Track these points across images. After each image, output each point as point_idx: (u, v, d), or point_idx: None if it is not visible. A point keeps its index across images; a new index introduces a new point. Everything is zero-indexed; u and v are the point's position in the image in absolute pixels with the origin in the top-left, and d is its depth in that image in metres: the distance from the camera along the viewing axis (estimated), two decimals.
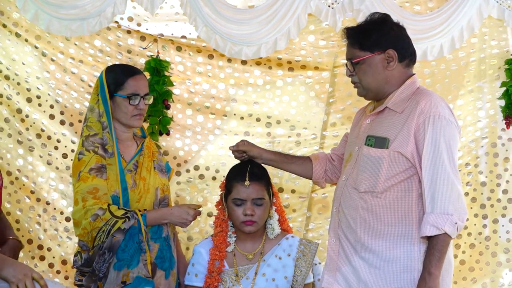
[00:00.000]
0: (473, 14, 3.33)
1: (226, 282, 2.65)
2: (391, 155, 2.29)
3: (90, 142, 2.58)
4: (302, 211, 3.62)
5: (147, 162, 2.67)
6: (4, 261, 1.97)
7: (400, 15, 3.26)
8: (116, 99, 2.62)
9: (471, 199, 3.57)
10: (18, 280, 1.92)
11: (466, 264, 3.59)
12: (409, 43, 2.41)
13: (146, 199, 2.63)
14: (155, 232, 2.60)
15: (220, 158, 3.59)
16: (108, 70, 2.68)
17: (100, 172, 2.54)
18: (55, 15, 3.09)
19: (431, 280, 2.18)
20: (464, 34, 3.35)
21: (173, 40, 3.51)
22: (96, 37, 3.45)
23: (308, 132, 3.62)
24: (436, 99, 2.31)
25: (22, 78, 3.44)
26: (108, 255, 2.49)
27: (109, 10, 3.14)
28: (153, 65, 3.38)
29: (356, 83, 2.43)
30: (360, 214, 2.34)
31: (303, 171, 2.80)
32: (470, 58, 3.52)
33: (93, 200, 2.49)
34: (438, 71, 3.53)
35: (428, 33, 3.35)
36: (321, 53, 3.54)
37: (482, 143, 3.56)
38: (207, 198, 3.59)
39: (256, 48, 3.28)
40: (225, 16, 3.24)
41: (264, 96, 3.61)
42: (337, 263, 2.40)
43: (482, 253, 3.57)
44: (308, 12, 3.26)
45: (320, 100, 3.59)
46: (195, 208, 2.65)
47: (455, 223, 2.19)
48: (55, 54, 3.45)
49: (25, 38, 3.41)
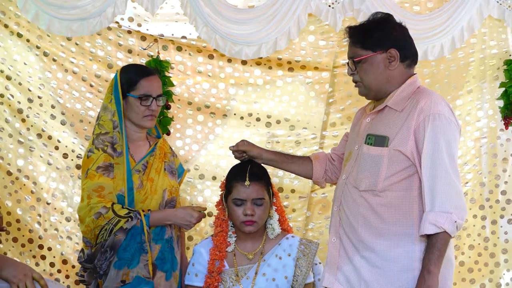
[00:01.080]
0: (473, 14, 3.33)
1: (226, 282, 2.65)
2: (390, 154, 2.29)
3: (100, 141, 2.60)
4: (302, 211, 3.63)
5: (157, 163, 2.68)
6: (5, 261, 1.97)
7: (401, 15, 3.25)
8: (129, 99, 2.63)
9: (470, 199, 3.57)
10: (18, 280, 1.92)
11: (465, 265, 3.59)
12: (411, 43, 2.41)
13: (152, 200, 2.63)
14: (158, 234, 2.61)
15: (220, 157, 3.60)
16: (123, 70, 2.69)
17: (107, 170, 2.56)
18: (55, 15, 3.09)
19: (430, 278, 2.18)
20: (465, 34, 3.35)
21: (173, 41, 3.51)
22: (97, 37, 3.46)
23: (307, 132, 3.62)
24: (436, 98, 2.30)
25: (24, 78, 3.45)
26: (109, 254, 2.50)
27: (110, 10, 3.14)
28: (154, 66, 3.40)
29: (358, 82, 2.43)
30: (361, 213, 2.34)
31: (303, 171, 2.80)
32: (469, 59, 3.52)
33: (97, 198, 2.51)
34: (438, 71, 3.53)
35: (428, 33, 3.35)
36: (321, 53, 3.54)
37: (481, 143, 3.56)
38: (207, 198, 3.59)
39: (256, 48, 3.28)
40: (225, 16, 3.24)
41: (264, 96, 3.62)
42: (338, 262, 2.40)
43: (481, 254, 3.57)
44: (308, 12, 3.25)
45: (320, 100, 3.60)
46: (199, 210, 2.65)
47: (455, 221, 2.18)
48: (57, 54, 3.46)
49: (26, 39, 3.42)
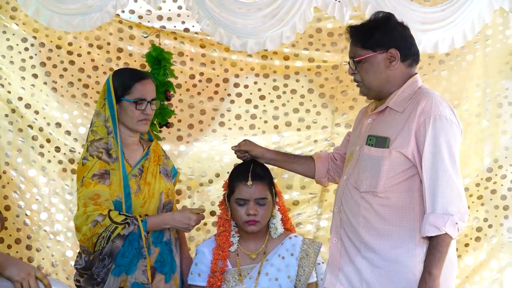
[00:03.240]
0: (484, 6, 3.29)
1: (229, 282, 2.66)
2: (391, 155, 2.28)
3: (95, 147, 2.59)
4: (313, 208, 3.61)
5: (152, 167, 2.67)
6: (8, 260, 1.97)
7: (409, 8, 3.23)
8: (123, 104, 2.61)
9: (470, 199, 3.53)
10: (21, 279, 1.92)
11: (469, 265, 3.58)
12: (412, 43, 2.39)
13: (151, 204, 2.63)
14: (157, 237, 2.60)
15: (223, 153, 3.59)
16: (115, 74, 2.67)
17: (102, 178, 2.55)
18: (56, 10, 3.08)
19: (431, 280, 2.17)
20: (476, 26, 3.32)
21: (175, 33, 3.47)
22: (96, 31, 3.42)
23: (313, 131, 3.59)
24: (437, 99, 2.29)
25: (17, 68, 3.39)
26: (107, 261, 2.50)
27: (111, 4, 3.11)
28: (155, 55, 3.23)
29: (358, 82, 2.42)
30: (361, 213, 2.33)
31: (305, 171, 2.79)
32: (476, 53, 3.48)
33: (93, 206, 2.50)
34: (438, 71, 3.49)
35: (437, 24, 3.31)
36: (328, 48, 3.51)
37: (484, 143, 3.52)
38: (209, 195, 3.58)
39: (261, 42, 3.25)
40: (230, 9, 3.20)
41: (268, 91, 3.59)
42: (340, 263, 2.41)
43: (485, 254, 3.56)
44: (314, 5, 3.21)
45: (326, 98, 3.56)
46: (198, 212, 2.64)
47: (456, 223, 2.18)
48: (53, 46, 3.43)
49: (23, 29, 3.39)
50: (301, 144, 3.57)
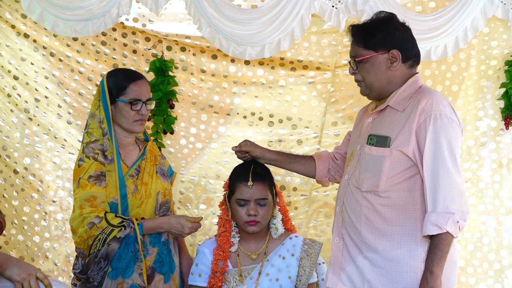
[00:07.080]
0: (477, 14, 3.28)
1: (230, 282, 2.66)
2: (392, 154, 2.28)
3: (90, 149, 2.56)
4: (304, 209, 3.64)
5: (149, 167, 2.65)
6: (9, 260, 1.97)
7: (404, 15, 3.23)
8: (118, 104, 2.60)
9: (472, 199, 3.56)
10: (22, 279, 1.93)
11: (470, 265, 3.57)
12: (413, 44, 2.39)
13: (148, 204, 2.61)
14: (154, 237, 2.59)
15: (224, 156, 3.61)
16: (109, 75, 2.65)
17: (98, 180, 2.53)
18: (60, 15, 3.07)
19: (433, 279, 2.17)
20: (468, 34, 3.30)
21: (177, 41, 3.52)
22: (102, 37, 3.46)
23: (309, 131, 3.62)
24: (438, 97, 2.29)
25: (31, 78, 3.46)
26: (103, 264, 2.48)
27: (114, 11, 3.11)
28: (158, 66, 3.41)
29: (359, 81, 2.41)
30: (363, 213, 2.33)
31: (306, 171, 2.79)
32: (470, 59, 3.49)
33: (89, 208, 2.48)
34: (439, 72, 3.52)
35: (432, 33, 3.30)
36: (323, 54, 3.54)
37: (481, 143, 3.55)
38: (211, 196, 3.61)
39: (260, 49, 3.26)
40: (228, 16, 3.22)
41: (266, 95, 3.61)
42: (342, 263, 2.40)
43: (485, 254, 3.55)
44: (312, 12, 3.22)
45: (321, 100, 3.60)
46: (194, 221, 2.61)
47: (457, 222, 2.18)
48: (63, 54, 3.47)
49: (33, 39, 3.43)
50: (293, 149, 3.61)
